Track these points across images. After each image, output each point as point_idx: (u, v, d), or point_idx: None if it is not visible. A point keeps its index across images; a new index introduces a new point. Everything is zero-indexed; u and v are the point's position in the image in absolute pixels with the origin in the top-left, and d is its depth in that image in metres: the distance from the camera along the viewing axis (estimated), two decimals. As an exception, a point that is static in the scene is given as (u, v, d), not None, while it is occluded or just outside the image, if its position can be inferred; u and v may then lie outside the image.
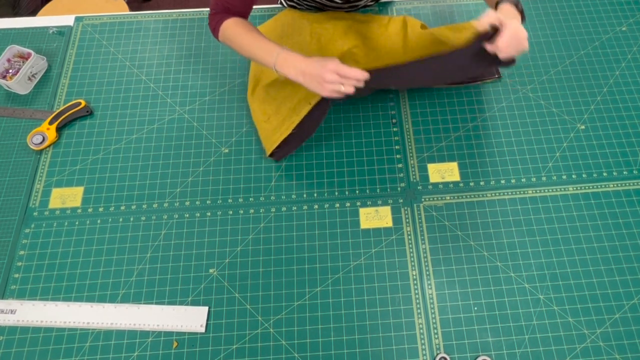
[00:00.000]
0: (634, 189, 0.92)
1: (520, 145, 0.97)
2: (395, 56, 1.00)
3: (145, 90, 1.04)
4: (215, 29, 0.87)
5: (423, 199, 0.92)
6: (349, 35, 1.01)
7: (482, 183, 0.93)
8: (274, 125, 0.92)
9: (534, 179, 0.93)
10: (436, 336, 0.80)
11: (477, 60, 0.81)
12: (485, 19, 0.73)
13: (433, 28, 0.98)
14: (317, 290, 0.84)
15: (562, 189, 0.92)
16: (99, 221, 0.90)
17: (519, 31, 0.72)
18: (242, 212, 0.91)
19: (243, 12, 0.87)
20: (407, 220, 0.90)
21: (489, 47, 0.75)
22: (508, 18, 0.73)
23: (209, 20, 0.88)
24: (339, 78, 0.75)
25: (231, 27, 0.84)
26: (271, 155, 0.94)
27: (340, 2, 1.04)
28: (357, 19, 1.06)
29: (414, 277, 0.85)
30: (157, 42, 1.10)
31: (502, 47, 0.72)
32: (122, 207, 0.92)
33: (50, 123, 0.98)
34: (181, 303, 0.83)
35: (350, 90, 0.76)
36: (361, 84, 0.76)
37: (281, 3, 1.18)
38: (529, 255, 0.86)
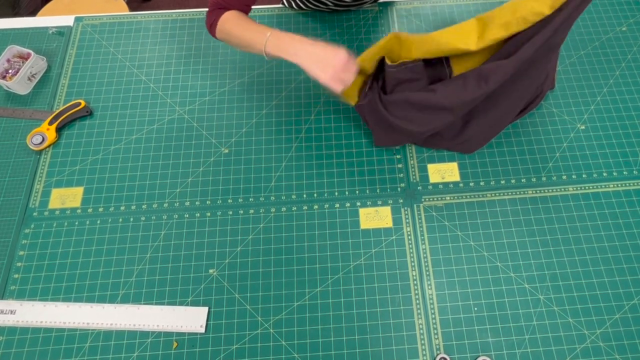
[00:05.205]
0: (634, 189, 0.92)
1: (520, 146, 0.97)
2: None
3: (145, 90, 1.04)
4: (212, 25, 0.85)
5: (423, 199, 0.92)
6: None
7: (482, 183, 0.93)
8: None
9: (534, 179, 0.93)
10: (436, 336, 0.80)
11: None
12: None
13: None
14: (317, 291, 0.84)
15: (562, 189, 0.92)
16: (98, 221, 0.90)
17: None
18: (242, 212, 0.91)
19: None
20: (407, 220, 0.90)
21: None
22: None
23: (206, 19, 0.87)
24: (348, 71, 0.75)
25: (226, 20, 0.82)
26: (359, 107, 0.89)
27: (348, 1, 1.05)
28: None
29: (414, 277, 0.85)
30: (157, 42, 1.10)
31: None
32: (122, 207, 0.91)
33: (50, 123, 0.98)
34: (181, 303, 0.83)
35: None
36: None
37: (283, 3, 1.18)
38: (529, 255, 0.86)
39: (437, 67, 0.87)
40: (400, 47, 0.82)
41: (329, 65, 0.73)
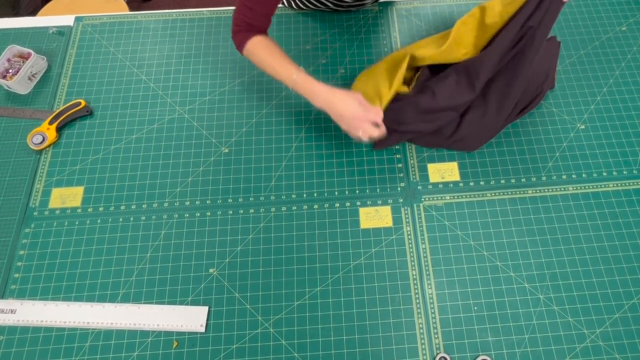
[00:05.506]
0: (634, 189, 0.92)
1: (520, 145, 0.97)
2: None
3: (145, 90, 1.04)
4: (240, 45, 0.89)
5: (423, 199, 0.92)
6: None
7: (482, 183, 0.93)
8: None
9: (534, 179, 0.93)
10: (436, 336, 0.80)
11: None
12: None
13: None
14: (317, 290, 0.84)
15: (562, 189, 0.92)
16: (99, 221, 0.90)
17: None
18: (242, 212, 0.91)
19: (264, 28, 0.89)
20: (407, 220, 0.90)
21: None
22: None
23: (233, 36, 0.89)
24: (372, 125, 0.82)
25: (256, 48, 0.88)
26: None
27: (349, 1, 1.05)
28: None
29: (414, 276, 0.85)
30: (157, 42, 1.10)
31: None
32: (122, 207, 0.92)
33: (50, 123, 0.98)
34: (181, 303, 0.83)
35: (376, 134, 0.82)
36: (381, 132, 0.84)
37: (283, 3, 1.18)
38: (529, 255, 0.86)
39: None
40: (408, 58, 0.92)
41: (349, 121, 0.82)
